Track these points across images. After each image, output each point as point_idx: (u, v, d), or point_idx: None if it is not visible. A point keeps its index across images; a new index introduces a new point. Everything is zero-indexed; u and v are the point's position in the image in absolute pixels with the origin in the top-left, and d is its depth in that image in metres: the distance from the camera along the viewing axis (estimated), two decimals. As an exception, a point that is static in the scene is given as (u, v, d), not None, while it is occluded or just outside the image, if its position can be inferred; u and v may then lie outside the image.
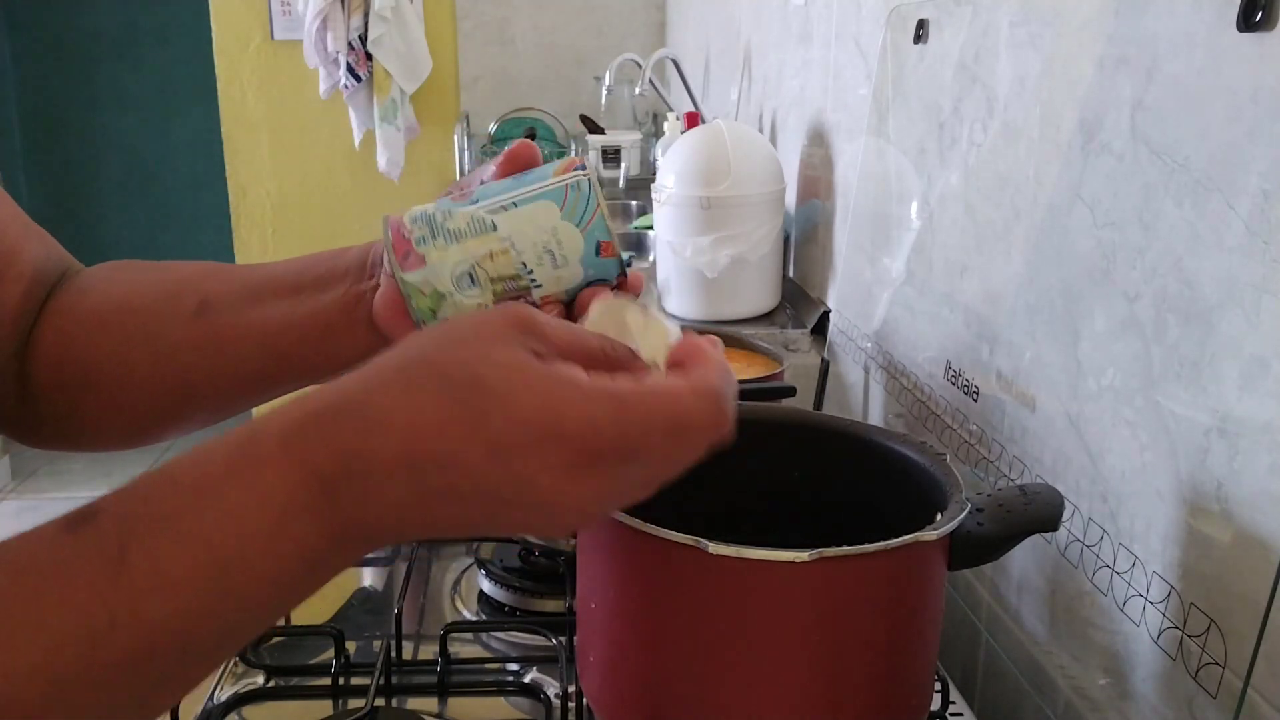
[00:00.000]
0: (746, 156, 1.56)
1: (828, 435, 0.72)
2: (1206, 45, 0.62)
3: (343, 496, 0.39)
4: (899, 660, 0.58)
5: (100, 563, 0.37)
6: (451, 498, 0.39)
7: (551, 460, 0.39)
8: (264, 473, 0.39)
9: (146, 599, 0.37)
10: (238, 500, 0.38)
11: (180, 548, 0.38)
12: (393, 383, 0.40)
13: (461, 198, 0.57)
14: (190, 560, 0.38)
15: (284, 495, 0.39)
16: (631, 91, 3.24)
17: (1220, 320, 0.60)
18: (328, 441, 0.39)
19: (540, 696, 0.80)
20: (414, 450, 0.39)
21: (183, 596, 0.37)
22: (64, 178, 4.75)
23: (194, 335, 0.62)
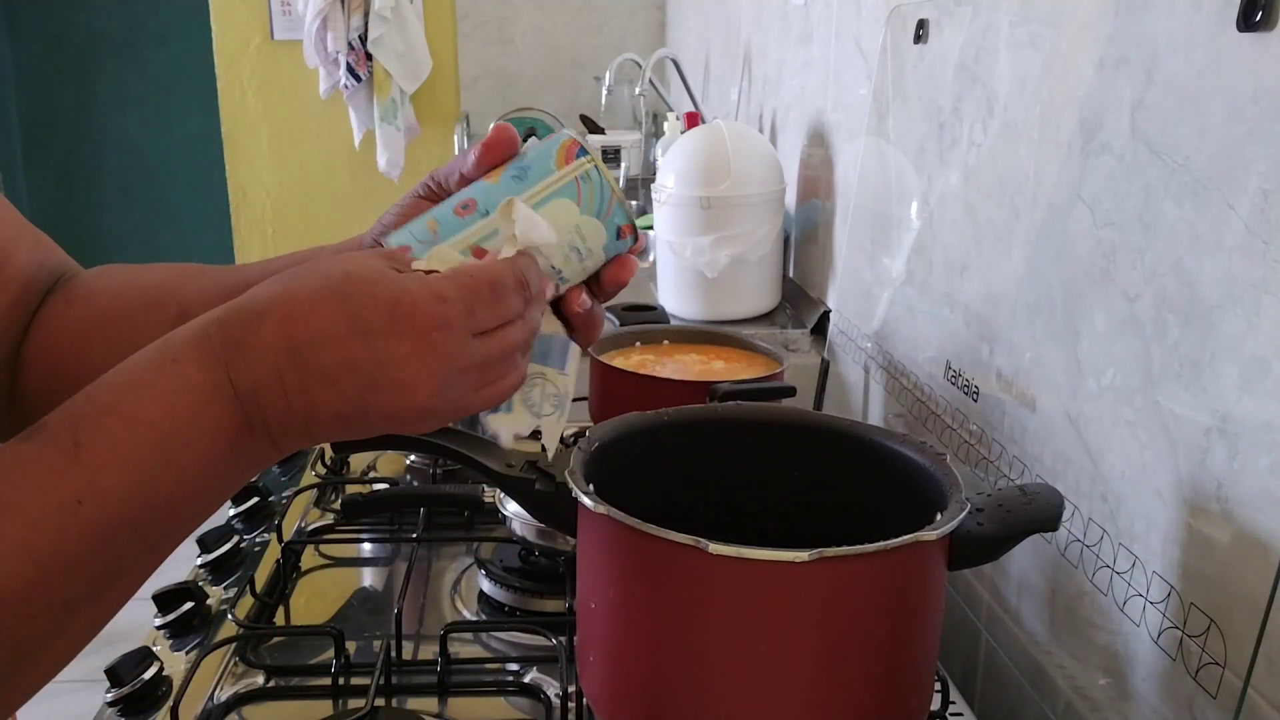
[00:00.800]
0: (746, 156, 1.56)
1: (828, 435, 0.72)
2: (1206, 45, 0.62)
3: (242, 380, 0.47)
4: (899, 660, 0.58)
5: (58, 452, 0.44)
6: (326, 379, 0.47)
7: (407, 329, 0.47)
8: (182, 366, 0.47)
9: (104, 473, 0.44)
10: (166, 387, 0.46)
11: (126, 428, 0.45)
12: (274, 284, 0.49)
13: (465, 211, 0.56)
14: (135, 437, 0.45)
15: (199, 381, 0.46)
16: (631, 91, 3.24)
17: (1220, 320, 0.60)
18: (225, 336, 0.47)
19: (540, 696, 0.80)
20: (292, 332, 0.47)
21: (132, 468, 0.44)
22: (64, 178, 4.75)
23: None
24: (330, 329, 0.47)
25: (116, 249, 4.66)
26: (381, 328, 0.47)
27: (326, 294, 0.47)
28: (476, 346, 0.49)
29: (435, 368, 0.48)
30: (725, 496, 0.73)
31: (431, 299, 0.48)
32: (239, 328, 0.47)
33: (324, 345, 0.47)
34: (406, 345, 0.47)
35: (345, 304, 0.47)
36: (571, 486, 0.60)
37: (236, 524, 1.10)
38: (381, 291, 0.47)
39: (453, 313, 0.48)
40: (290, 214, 3.89)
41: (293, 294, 0.48)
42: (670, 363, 1.14)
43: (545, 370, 0.58)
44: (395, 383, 0.47)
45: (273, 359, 0.47)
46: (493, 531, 1.02)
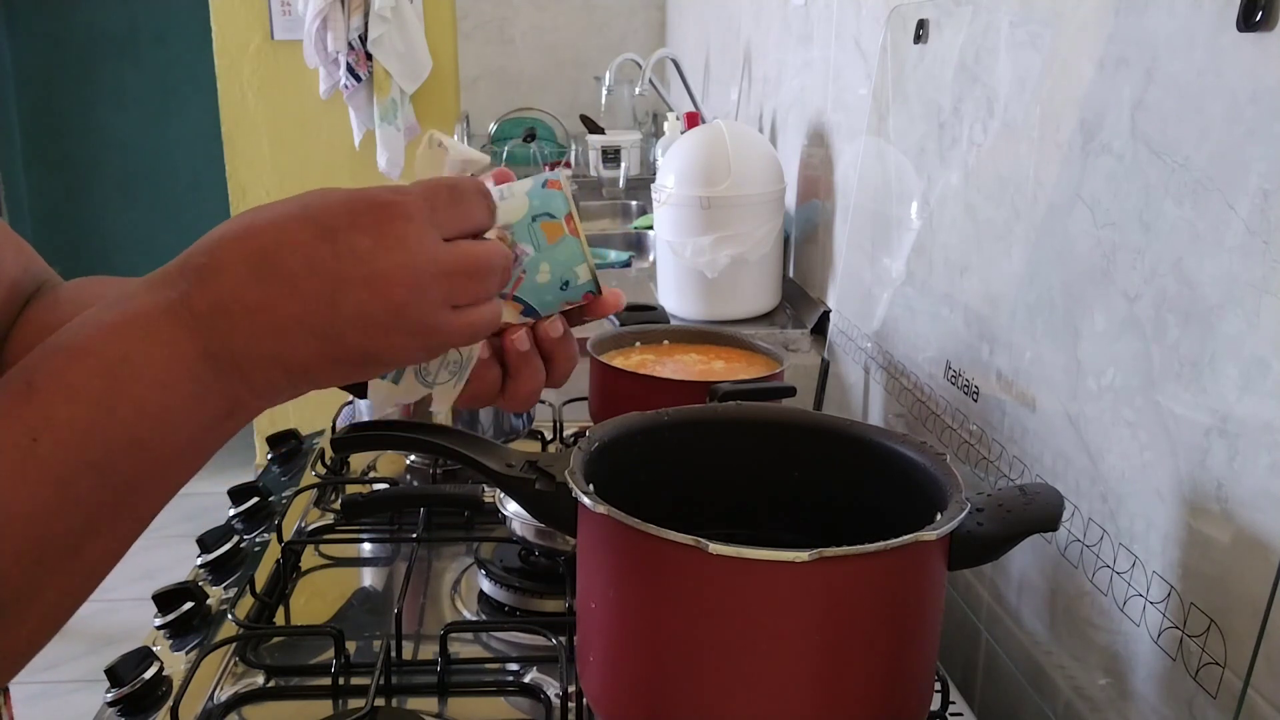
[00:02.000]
0: (746, 156, 1.56)
1: (828, 435, 0.72)
2: (1206, 45, 0.62)
3: (197, 299, 0.45)
4: (899, 660, 0.58)
5: (10, 396, 0.43)
6: (289, 284, 0.45)
7: (367, 222, 0.46)
8: (133, 301, 0.45)
9: (56, 408, 0.42)
10: (113, 320, 0.45)
11: (74, 360, 0.43)
12: (234, 219, 0.48)
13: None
14: (84, 369, 0.43)
15: (149, 306, 0.45)
16: (631, 91, 3.24)
17: (1220, 320, 0.60)
18: (183, 265, 0.46)
19: (540, 696, 0.80)
20: (251, 248, 0.45)
21: (84, 401, 0.43)
22: (64, 177, 4.75)
23: None
24: (290, 237, 0.46)
25: (116, 249, 4.66)
26: (342, 224, 0.46)
27: (286, 211, 0.47)
28: (444, 249, 0.48)
29: (402, 259, 0.46)
30: (725, 496, 0.73)
31: (389, 191, 0.47)
32: (197, 255, 0.46)
33: (286, 253, 0.45)
34: (369, 238, 0.46)
35: (305, 213, 0.46)
36: (571, 486, 0.60)
37: (236, 524, 1.10)
38: (338, 194, 0.47)
39: (412, 204, 0.47)
40: (290, 214, 3.88)
41: (252, 218, 0.47)
42: (670, 363, 1.14)
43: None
44: (364, 278, 0.46)
45: (232, 276, 0.45)
46: (493, 531, 1.02)
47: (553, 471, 0.65)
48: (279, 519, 1.05)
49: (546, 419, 1.28)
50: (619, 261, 2.26)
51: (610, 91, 2.86)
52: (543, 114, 3.59)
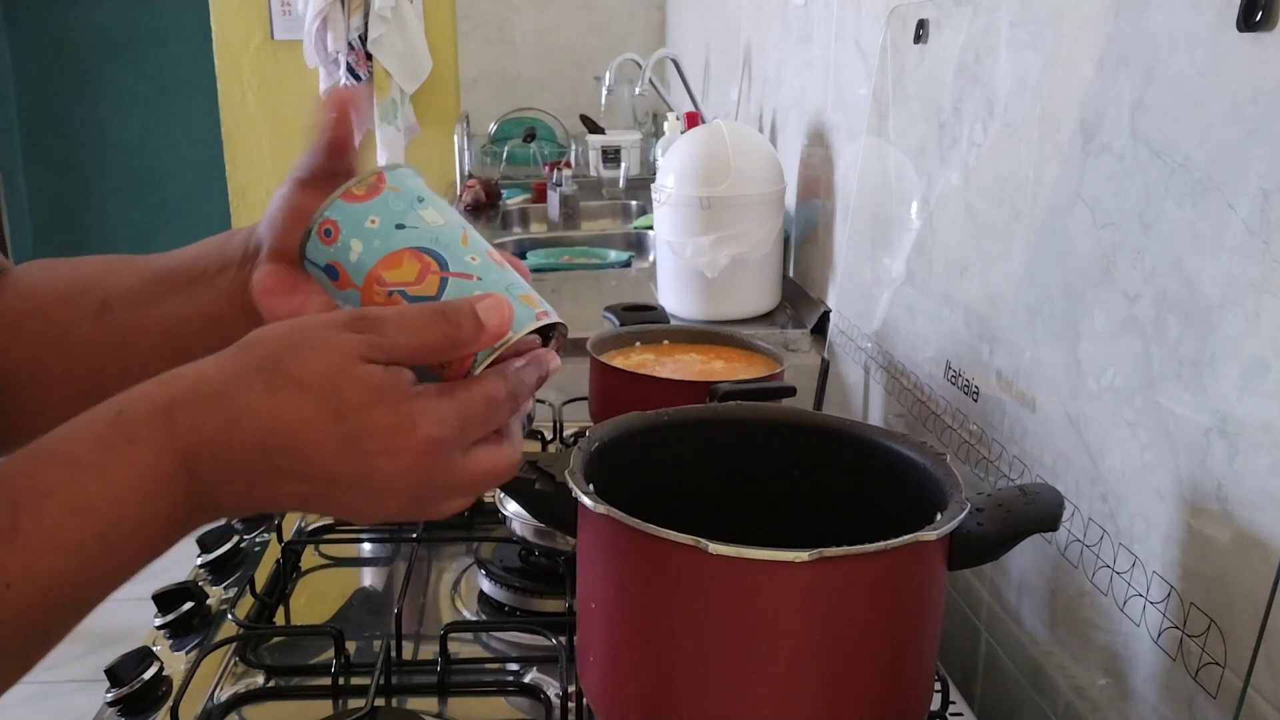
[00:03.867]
0: (746, 156, 1.56)
1: (828, 435, 0.72)
2: (1206, 45, 0.62)
3: (204, 473, 0.45)
4: (899, 660, 0.58)
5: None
6: (297, 478, 0.46)
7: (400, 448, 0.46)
8: (137, 449, 0.44)
9: (39, 561, 0.42)
10: (116, 474, 0.44)
11: (68, 514, 0.43)
12: (254, 380, 0.46)
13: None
14: (77, 526, 0.43)
15: (154, 469, 0.44)
16: (631, 91, 3.23)
17: (1220, 320, 0.60)
18: (194, 426, 0.45)
19: (540, 696, 0.80)
20: (272, 442, 0.45)
21: (70, 557, 0.43)
22: (64, 177, 4.75)
23: (99, 335, 0.62)
24: (316, 443, 0.45)
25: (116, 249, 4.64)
26: (375, 449, 0.46)
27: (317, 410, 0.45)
28: (462, 464, 0.49)
29: (418, 485, 0.47)
30: (726, 496, 0.73)
31: (434, 422, 0.46)
32: (212, 422, 0.45)
33: (304, 457, 0.46)
34: (396, 464, 0.46)
35: (337, 423, 0.45)
36: (571, 486, 0.60)
37: (236, 524, 1.10)
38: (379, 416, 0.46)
39: (450, 436, 0.47)
40: (290, 214, 3.88)
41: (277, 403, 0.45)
42: (670, 363, 1.14)
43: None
44: (373, 493, 0.47)
45: (244, 458, 0.45)
46: (493, 531, 1.02)
47: (553, 471, 0.65)
48: (279, 519, 1.05)
49: (546, 419, 1.28)
50: (619, 261, 2.26)
51: (610, 91, 2.86)
52: (543, 114, 3.59)
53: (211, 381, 0.46)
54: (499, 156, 3.43)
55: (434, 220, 0.52)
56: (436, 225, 0.51)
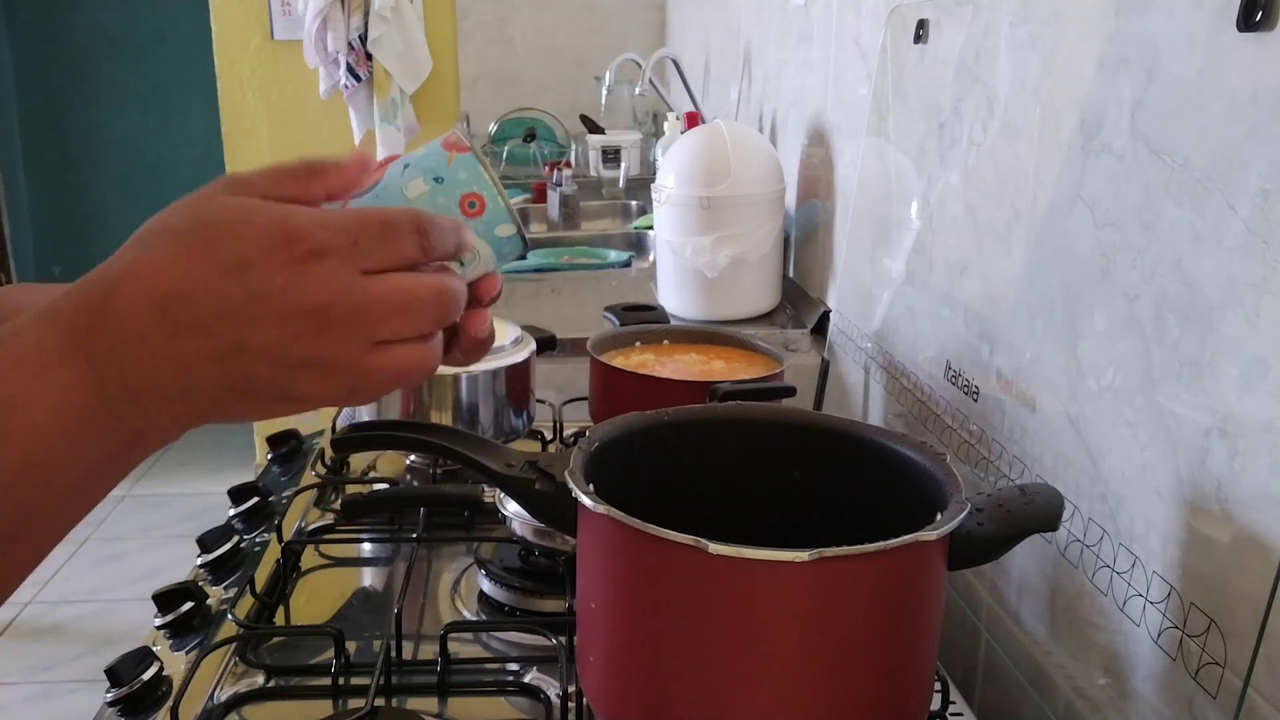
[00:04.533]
0: (746, 156, 1.56)
1: (828, 435, 0.72)
2: (1206, 45, 0.62)
3: (96, 344, 0.42)
4: (899, 660, 0.58)
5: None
6: (197, 330, 0.42)
7: (282, 258, 0.42)
8: (21, 336, 0.42)
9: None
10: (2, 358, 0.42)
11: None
12: (127, 249, 0.44)
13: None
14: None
15: (40, 350, 0.42)
16: (631, 91, 3.23)
17: (1220, 320, 0.60)
18: (78, 305, 0.43)
19: (540, 696, 0.80)
20: (155, 289, 0.42)
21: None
22: (64, 177, 4.75)
23: None
24: (199, 281, 0.42)
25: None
26: (255, 259, 0.43)
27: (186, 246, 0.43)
28: (364, 284, 0.44)
29: (316, 299, 0.43)
30: (725, 496, 0.73)
31: (311, 224, 0.43)
32: (94, 295, 0.43)
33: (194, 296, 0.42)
34: (283, 275, 0.43)
35: (212, 249, 0.43)
36: (571, 486, 0.60)
37: (236, 524, 1.10)
38: (251, 226, 0.43)
39: (334, 240, 0.43)
40: (290, 214, 3.88)
41: (152, 253, 0.43)
42: (670, 363, 1.14)
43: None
44: (275, 316, 0.43)
45: (133, 321, 0.42)
46: (493, 531, 1.02)
47: (553, 471, 0.65)
48: (279, 519, 1.05)
49: (546, 419, 1.28)
50: (619, 261, 2.26)
51: (610, 91, 2.86)
52: (543, 114, 3.59)
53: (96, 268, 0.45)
54: (499, 156, 3.43)
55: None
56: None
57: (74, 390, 0.42)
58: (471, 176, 0.53)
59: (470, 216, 0.53)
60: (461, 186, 0.53)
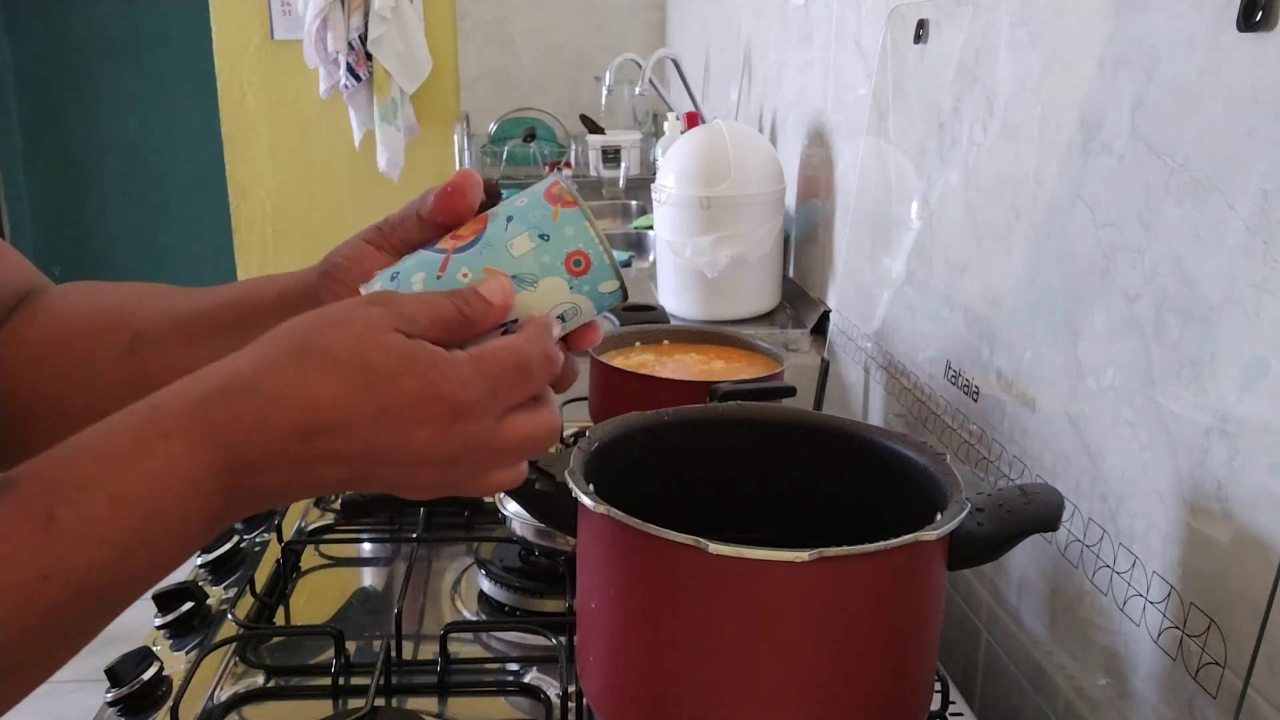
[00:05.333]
0: (746, 156, 1.56)
1: (828, 435, 0.72)
2: (1206, 45, 0.62)
3: (243, 463, 0.45)
4: (899, 660, 0.58)
5: (30, 524, 0.41)
6: (336, 460, 0.46)
7: (429, 416, 0.46)
8: (173, 443, 0.44)
9: (75, 553, 0.42)
10: (152, 467, 0.43)
11: (105, 507, 0.42)
12: (286, 365, 0.46)
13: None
14: (112, 518, 0.43)
15: (191, 462, 0.44)
16: (631, 91, 3.24)
17: (1220, 320, 0.60)
18: (230, 417, 0.45)
19: (540, 696, 0.80)
20: (308, 421, 0.45)
21: (105, 549, 0.42)
22: (64, 177, 4.74)
23: (125, 374, 0.61)
24: (350, 418, 0.45)
25: (116, 249, 4.66)
26: (405, 417, 0.46)
27: (345, 384, 0.46)
28: (496, 430, 0.48)
29: (451, 452, 0.47)
30: (725, 496, 0.73)
31: (458, 385, 0.46)
32: (248, 411, 0.45)
33: (341, 432, 0.46)
34: (428, 432, 0.46)
35: (368, 394, 0.46)
36: (571, 486, 0.60)
37: (236, 524, 1.10)
38: (408, 382, 0.46)
39: (476, 397, 0.47)
40: (290, 214, 3.89)
41: (311, 385, 0.45)
42: (670, 363, 1.14)
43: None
44: (408, 462, 0.47)
45: (281, 443, 0.45)
46: (493, 531, 1.02)
47: (553, 471, 0.65)
48: (279, 519, 1.05)
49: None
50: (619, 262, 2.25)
51: (610, 91, 2.86)
52: (543, 114, 3.59)
53: (243, 372, 0.46)
54: (499, 156, 3.43)
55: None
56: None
57: (213, 500, 0.45)
58: (578, 233, 0.52)
59: (575, 275, 0.52)
60: (568, 244, 0.52)
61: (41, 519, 0.41)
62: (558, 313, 0.53)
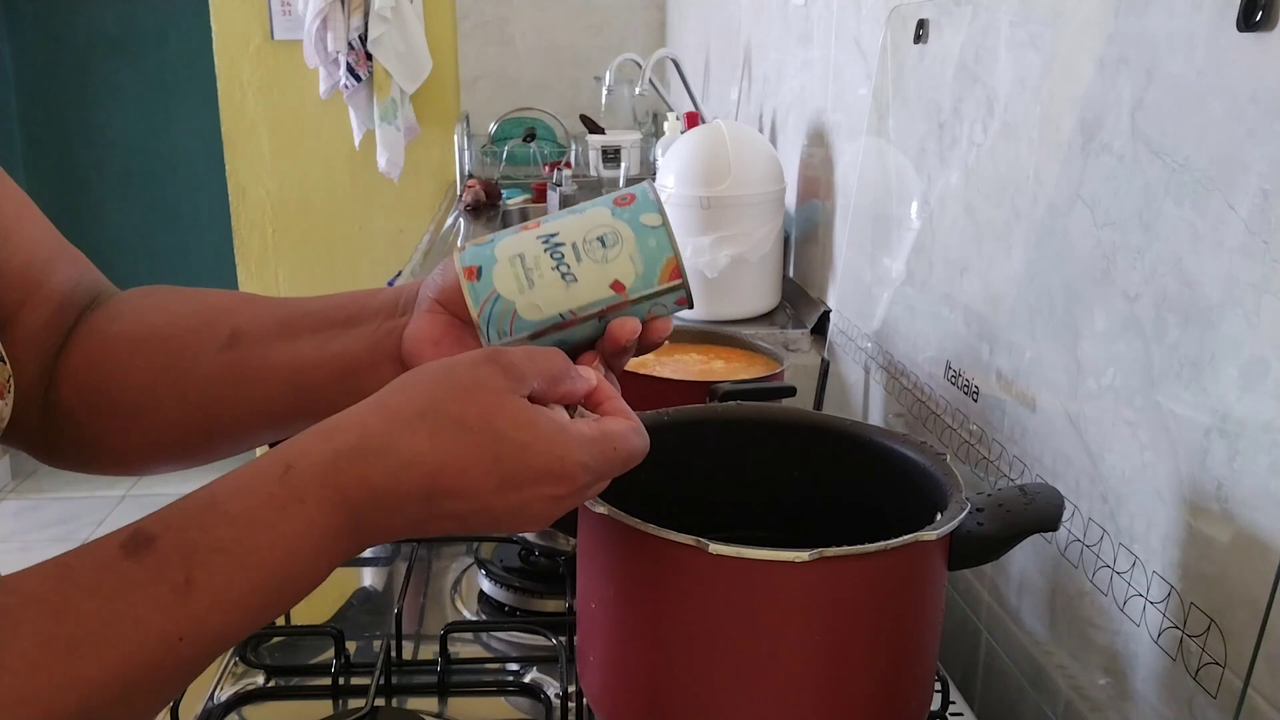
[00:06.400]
0: (746, 156, 1.56)
1: (828, 435, 0.72)
2: (1206, 45, 0.62)
3: (369, 521, 0.47)
4: (899, 660, 0.58)
5: (168, 588, 0.43)
6: (453, 518, 0.48)
7: (548, 493, 0.49)
8: (307, 507, 0.46)
9: (211, 617, 0.44)
10: (287, 531, 0.45)
11: (240, 574, 0.44)
12: (418, 428, 0.47)
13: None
14: (247, 583, 0.45)
15: (324, 526, 0.46)
16: (631, 91, 3.23)
17: (1220, 320, 0.60)
18: (362, 479, 0.46)
19: (540, 696, 0.80)
20: (436, 486, 0.47)
21: (240, 612, 0.45)
22: (64, 177, 4.74)
23: (223, 367, 0.63)
24: (478, 486, 0.48)
25: (116, 249, 4.66)
26: (527, 488, 0.48)
27: (480, 452, 0.48)
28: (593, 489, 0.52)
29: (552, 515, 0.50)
30: (725, 496, 0.73)
31: (578, 468, 0.49)
32: (379, 473, 0.47)
33: (466, 498, 0.48)
34: (544, 506, 0.49)
35: (498, 465, 0.48)
36: (571, 486, 0.60)
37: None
38: (535, 458, 0.48)
39: (593, 480, 0.51)
40: (290, 214, 3.89)
41: (441, 449, 0.47)
42: (670, 363, 1.14)
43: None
44: (517, 523, 0.50)
45: (409, 505, 0.47)
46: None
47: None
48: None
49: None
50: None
51: (610, 91, 2.86)
52: (543, 114, 3.59)
53: (375, 432, 0.47)
54: (499, 156, 3.43)
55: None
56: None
57: (337, 557, 0.48)
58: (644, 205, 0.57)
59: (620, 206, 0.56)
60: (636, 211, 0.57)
61: (180, 584, 0.43)
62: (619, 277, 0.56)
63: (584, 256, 0.55)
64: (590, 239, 0.55)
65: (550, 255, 0.55)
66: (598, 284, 0.55)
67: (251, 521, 0.45)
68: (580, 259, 0.55)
